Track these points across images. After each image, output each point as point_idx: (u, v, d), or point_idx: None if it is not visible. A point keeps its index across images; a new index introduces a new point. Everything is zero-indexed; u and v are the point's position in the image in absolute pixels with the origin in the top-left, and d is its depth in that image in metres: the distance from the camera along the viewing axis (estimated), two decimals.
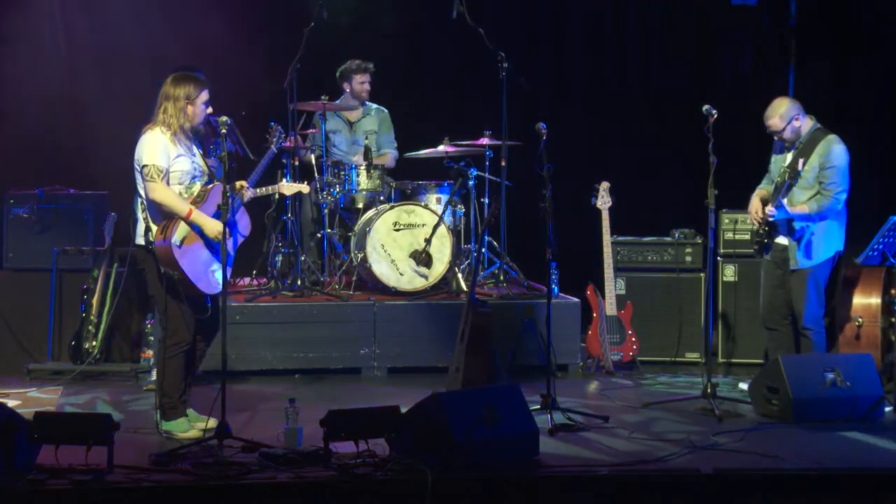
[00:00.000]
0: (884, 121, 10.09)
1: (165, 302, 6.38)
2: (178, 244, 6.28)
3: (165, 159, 6.32)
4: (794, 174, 7.30)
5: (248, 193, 6.71)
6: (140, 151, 6.36)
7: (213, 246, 6.41)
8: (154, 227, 6.36)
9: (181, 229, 6.31)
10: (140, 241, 6.47)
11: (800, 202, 7.43)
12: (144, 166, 6.30)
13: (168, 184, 6.34)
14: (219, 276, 6.39)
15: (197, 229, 6.35)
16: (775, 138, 7.56)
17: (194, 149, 6.50)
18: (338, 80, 9.44)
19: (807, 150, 7.43)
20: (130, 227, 7.83)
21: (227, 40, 9.58)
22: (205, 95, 6.45)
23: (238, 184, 6.68)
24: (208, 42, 9.32)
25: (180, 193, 6.39)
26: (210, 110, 6.51)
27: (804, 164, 7.34)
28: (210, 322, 6.56)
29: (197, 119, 6.45)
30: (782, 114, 7.45)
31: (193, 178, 6.45)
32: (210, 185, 6.48)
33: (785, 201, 7.37)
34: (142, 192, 6.40)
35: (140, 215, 6.45)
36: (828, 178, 7.36)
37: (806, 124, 7.51)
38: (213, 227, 6.33)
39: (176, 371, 6.46)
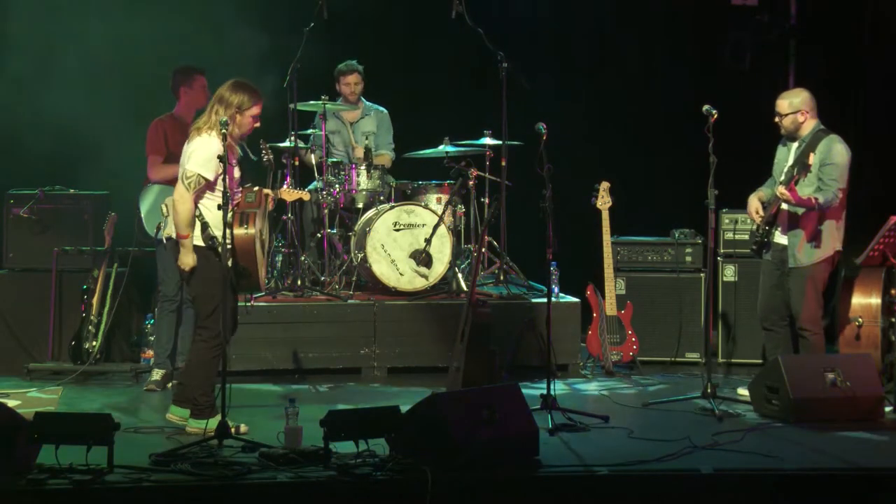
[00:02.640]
0: (883, 121, 10.09)
1: (222, 299, 6.30)
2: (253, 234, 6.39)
3: (213, 172, 6.32)
4: (803, 166, 7.28)
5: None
6: (193, 154, 6.35)
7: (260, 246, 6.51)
8: (213, 225, 6.34)
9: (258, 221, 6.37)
10: (197, 241, 6.42)
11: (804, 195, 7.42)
12: (190, 171, 6.30)
13: (213, 190, 6.36)
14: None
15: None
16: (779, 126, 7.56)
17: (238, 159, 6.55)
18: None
19: (809, 149, 7.43)
20: (136, 226, 7.87)
21: (228, 39, 9.57)
22: (256, 109, 6.46)
23: (265, 192, 6.66)
24: (209, 41, 9.32)
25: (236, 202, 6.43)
26: (258, 124, 6.50)
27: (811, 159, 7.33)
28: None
29: (244, 130, 6.47)
30: (793, 102, 7.51)
31: (242, 185, 6.51)
32: (256, 189, 6.52)
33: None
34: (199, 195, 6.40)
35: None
36: (826, 174, 7.36)
37: (809, 124, 7.51)
38: (192, 257, 6.39)
39: (216, 367, 6.48)
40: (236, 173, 6.48)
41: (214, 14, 9.44)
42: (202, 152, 6.33)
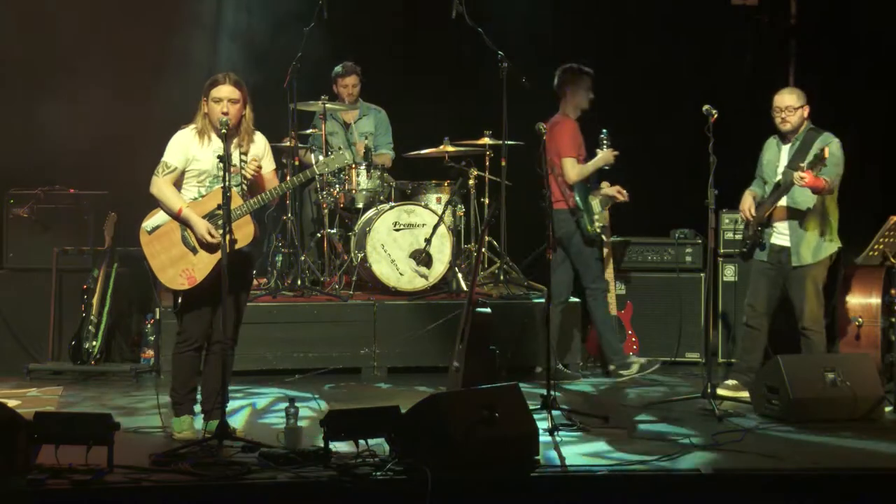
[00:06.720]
0: (883, 120, 10.08)
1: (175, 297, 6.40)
2: (148, 230, 6.30)
3: (181, 159, 6.30)
4: (818, 159, 7.21)
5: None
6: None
7: (188, 244, 6.32)
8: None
9: (157, 218, 6.31)
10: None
11: (803, 195, 7.41)
12: (162, 161, 6.32)
13: (183, 180, 6.34)
14: (197, 274, 6.28)
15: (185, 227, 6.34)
16: (777, 120, 7.52)
17: (221, 149, 6.21)
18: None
19: (805, 147, 7.44)
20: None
21: (228, 39, 9.57)
22: (216, 93, 6.27)
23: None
24: (208, 41, 9.32)
25: (200, 193, 6.34)
26: (225, 109, 6.29)
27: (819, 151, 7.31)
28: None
29: (215, 118, 6.26)
30: (801, 95, 7.52)
31: (216, 178, 6.31)
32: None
33: (789, 196, 7.39)
34: None
35: None
36: (829, 162, 7.33)
37: (805, 121, 7.52)
38: (202, 226, 6.25)
39: (182, 368, 6.47)
40: (207, 166, 6.32)
41: (215, 14, 9.44)
42: (173, 141, 6.36)
